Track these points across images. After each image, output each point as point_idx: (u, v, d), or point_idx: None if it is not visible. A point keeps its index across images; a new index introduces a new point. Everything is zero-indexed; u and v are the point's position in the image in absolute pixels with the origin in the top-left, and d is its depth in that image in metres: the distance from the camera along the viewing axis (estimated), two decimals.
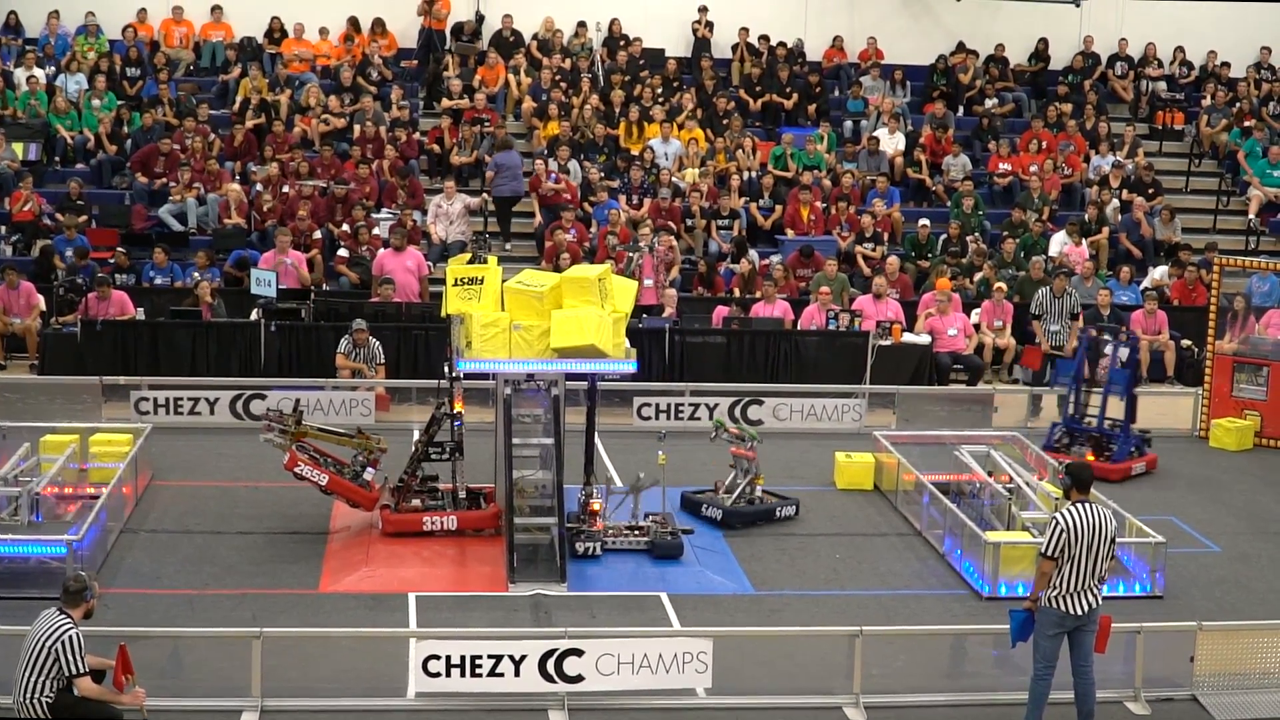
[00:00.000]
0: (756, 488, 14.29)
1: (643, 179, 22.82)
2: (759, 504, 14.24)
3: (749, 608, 12.32)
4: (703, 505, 14.12)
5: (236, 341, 18.02)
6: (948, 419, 17.63)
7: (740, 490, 14.21)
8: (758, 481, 14.28)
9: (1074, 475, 10.20)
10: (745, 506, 14.17)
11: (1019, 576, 12.51)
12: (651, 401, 17.53)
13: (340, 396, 17.10)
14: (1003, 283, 20.58)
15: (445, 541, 13.30)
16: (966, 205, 22.90)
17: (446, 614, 11.89)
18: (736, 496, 14.18)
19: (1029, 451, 15.46)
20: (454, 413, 13.41)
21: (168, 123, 23.34)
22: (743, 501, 14.20)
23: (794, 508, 14.27)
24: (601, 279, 12.92)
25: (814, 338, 18.94)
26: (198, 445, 16.14)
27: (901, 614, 12.27)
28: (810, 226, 22.51)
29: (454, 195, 22.00)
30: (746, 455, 14.23)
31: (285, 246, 19.80)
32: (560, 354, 12.72)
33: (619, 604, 12.22)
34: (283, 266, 19.42)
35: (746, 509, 14.13)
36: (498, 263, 13.47)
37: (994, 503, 13.95)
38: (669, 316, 19.27)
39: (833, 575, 13.17)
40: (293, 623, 11.50)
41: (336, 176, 22.18)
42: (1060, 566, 9.88)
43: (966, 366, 19.44)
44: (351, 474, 13.44)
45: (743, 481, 14.22)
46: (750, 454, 14.23)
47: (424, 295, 19.84)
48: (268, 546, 13.27)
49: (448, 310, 13.22)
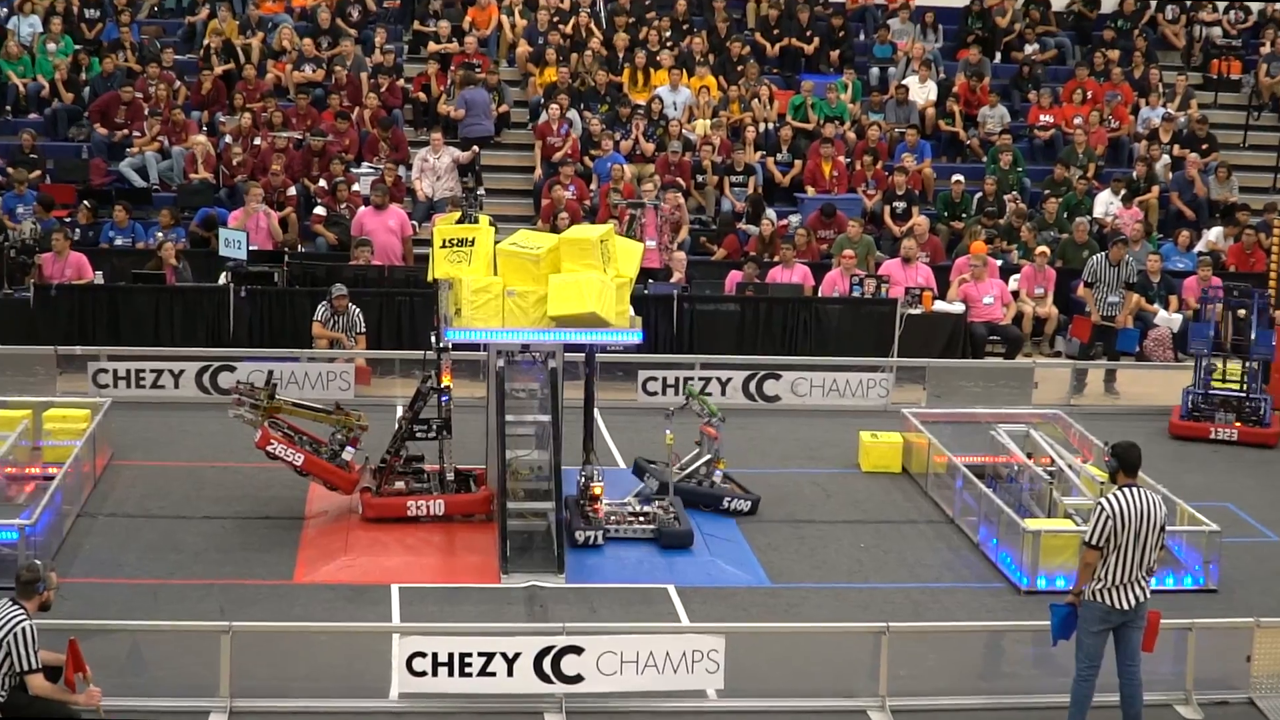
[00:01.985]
0: (716, 471, 14.17)
1: (649, 130, 22.73)
2: (708, 488, 14.05)
3: (765, 602, 12.30)
4: (645, 474, 13.91)
5: (203, 308, 17.97)
6: (983, 395, 17.61)
7: (694, 469, 14.09)
8: (719, 465, 14.15)
9: (1121, 457, 10.14)
10: (689, 485, 14.00)
11: (1061, 568, 12.49)
12: (658, 375, 17.47)
13: (317, 369, 17.06)
14: (1044, 246, 20.51)
15: (432, 528, 13.29)
16: (1004, 161, 22.81)
17: (433, 607, 11.88)
18: (687, 474, 14.03)
19: (1072, 431, 15.43)
20: (441, 387, 13.37)
21: (129, 69, 23.23)
22: (693, 482, 14.09)
23: (749, 504, 14.08)
24: (604, 240, 12.88)
25: (836, 306, 18.88)
26: (161, 421, 16.11)
27: (932, 609, 12.25)
28: (833, 184, 22.43)
29: (441, 148, 21.92)
30: (711, 434, 14.14)
31: (257, 203, 19.74)
32: (558, 323, 12.68)
33: (622, 597, 12.20)
34: (254, 225, 19.36)
35: (686, 488, 13.92)
36: (490, 222, 13.41)
37: (1034, 487, 13.92)
38: (677, 282, 19.22)
39: (857, 566, 13.16)
40: (265, 616, 11.47)
41: (313, 128, 22.10)
42: (1105, 557, 9.84)
43: (1004, 338, 19.38)
44: (329, 453, 13.43)
45: (700, 461, 14.08)
46: (714, 433, 14.13)
47: (408, 258, 19.78)
48: (237, 532, 13.25)
49: (435, 274, 13.18)
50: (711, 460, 14.15)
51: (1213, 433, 16.93)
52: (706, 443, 14.19)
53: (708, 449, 14.16)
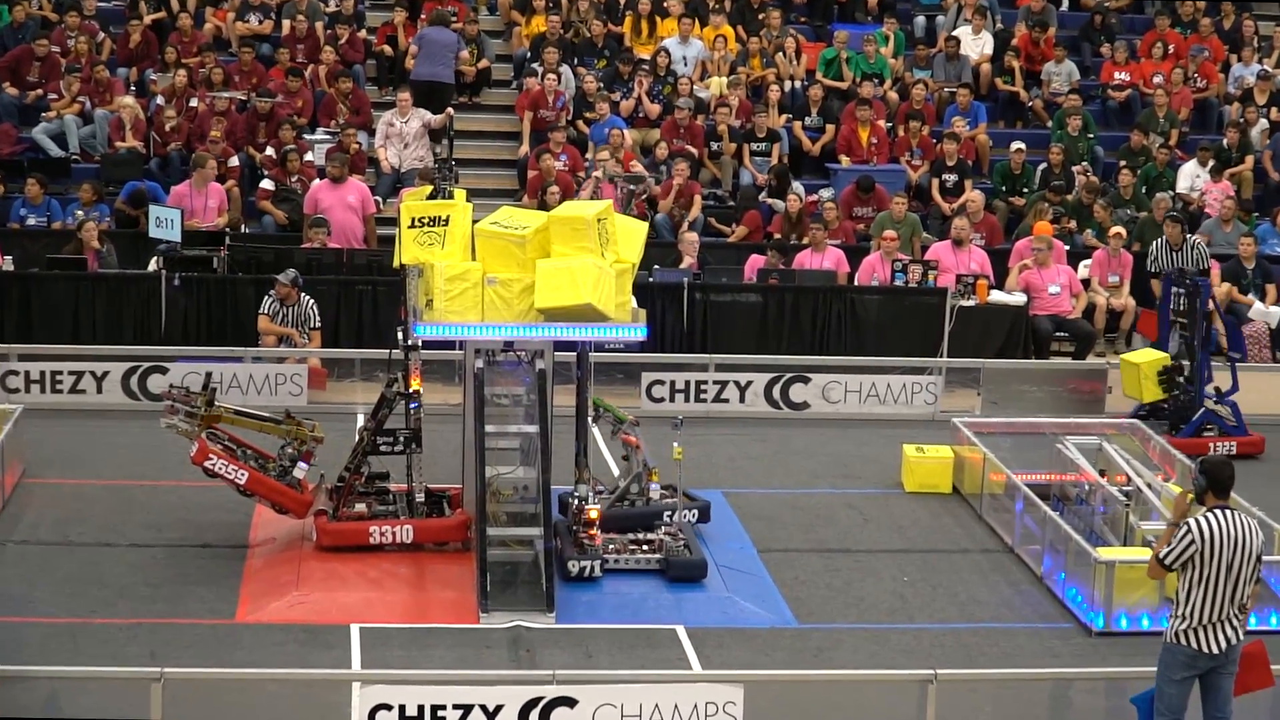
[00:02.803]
0: (651, 485, 13.92)
1: (654, 90, 22.74)
2: (643, 507, 13.78)
3: (791, 645, 12.31)
4: (566, 509, 13.64)
5: (131, 299, 18.00)
6: (1048, 402, 17.64)
7: (622, 490, 13.82)
8: (652, 477, 13.95)
9: (1211, 474, 10.09)
10: (620, 510, 13.71)
11: (1140, 605, 12.48)
12: (665, 379, 17.52)
13: (263, 370, 17.11)
14: (1119, 226, 20.49)
15: (398, 558, 13.30)
16: (1072, 126, 22.82)
17: (400, 651, 11.89)
18: (616, 498, 13.76)
19: (1152, 444, 15.42)
20: (409, 392, 13.39)
21: (44, 18, 23.29)
22: (624, 504, 13.81)
23: (696, 512, 13.89)
24: (601, 219, 12.88)
25: (876, 297, 18.91)
26: (81, 432, 16.15)
27: (987, 654, 12.25)
28: (871, 153, 22.45)
29: (410, 111, 21.93)
30: (632, 443, 13.91)
31: (208, 178, 19.75)
32: (547, 316, 12.69)
33: (622, 640, 12.21)
34: (202, 205, 19.39)
35: (618, 514, 13.64)
36: (466, 198, 13.42)
37: (1107, 510, 13.92)
38: (688, 268, 19.23)
39: (899, 604, 13.17)
40: (202, 661, 11.47)
41: (259, 87, 22.14)
42: (1190, 591, 9.82)
43: (1072, 334, 19.37)
44: (278, 470, 13.44)
45: (629, 480, 13.83)
46: (635, 440, 13.91)
47: (370, 239, 19.83)
48: (170, 563, 13.25)
49: (402, 259, 13.18)
50: (642, 474, 13.94)
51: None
52: (632, 455, 14.04)
53: (635, 463, 13.99)
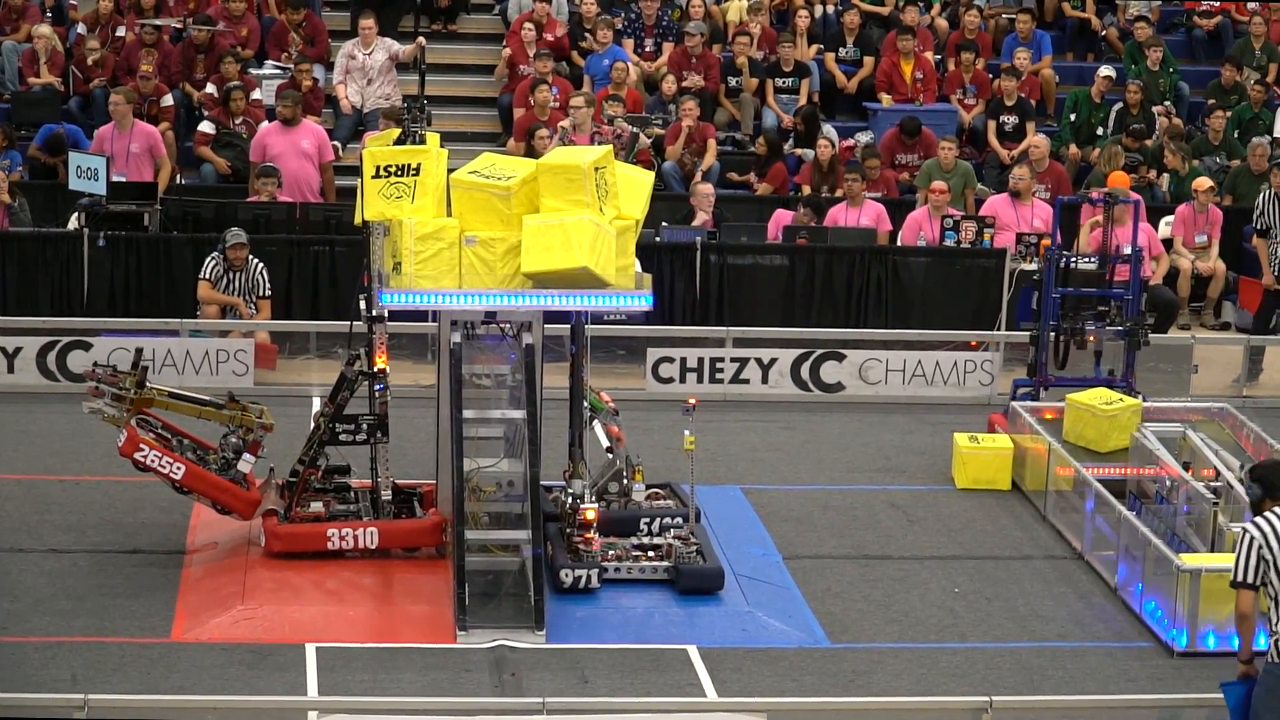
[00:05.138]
0: (635, 485, 13.97)
1: (662, 14, 22.72)
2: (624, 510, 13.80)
3: (822, 667, 12.33)
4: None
5: (48, 262, 18.03)
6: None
7: (600, 485, 13.81)
8: (636, 476, 14.01)
9: (1266, 482, 10.20)
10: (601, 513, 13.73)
11: (1230, 622, 12.43)
12: (674, 355, 17.56)
13: (203, 346, 17.17)
14: (1208, 178, 20.49)
15: (362, 566, 13.33)
16: (1152, 59, 22.79)
17: (362, 675, 11.91)
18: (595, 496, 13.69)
19: (1244, 432, 15.42)
20: (374, 372, 13.41)
21: None
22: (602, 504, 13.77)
23: (684, 519, 13.90)
24: (599, 168, 12.86)
25: (922, 259, 18.96)
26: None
27: (1052, 676, 12.27)
28: (916, 90, 22.45)
29: (374, 41, 21.91)
30: (615, 434, 13.98)
31: (126, 117, 19.74)
32: (536, 281, 12.69)
33: (624, 662, 12.24)
34: (124, 150, 19.39)
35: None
36: (440, 142, 13.41)
37: (1192, 510, 13.94)
38: (701, 225, 19.23)
39: (949, 619, 13.20)
40: (132, 686, 11.50)
41: (196, 14, 22.12)
42: (1278, 596, 9.87)
43: (1152, 303, 19.36)
44: (220, 463, 13.45)
45: (606, 477, 13.84)
46: (618, 431, 13.99)
47: (328, 192, 19.85)
48: (95, 572, 13.28)
49: (365, 215, 13.19)
50: (623, 471, 13.90)
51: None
52: (616, 449, 14.03)
53: (619, 457, 13.97)
